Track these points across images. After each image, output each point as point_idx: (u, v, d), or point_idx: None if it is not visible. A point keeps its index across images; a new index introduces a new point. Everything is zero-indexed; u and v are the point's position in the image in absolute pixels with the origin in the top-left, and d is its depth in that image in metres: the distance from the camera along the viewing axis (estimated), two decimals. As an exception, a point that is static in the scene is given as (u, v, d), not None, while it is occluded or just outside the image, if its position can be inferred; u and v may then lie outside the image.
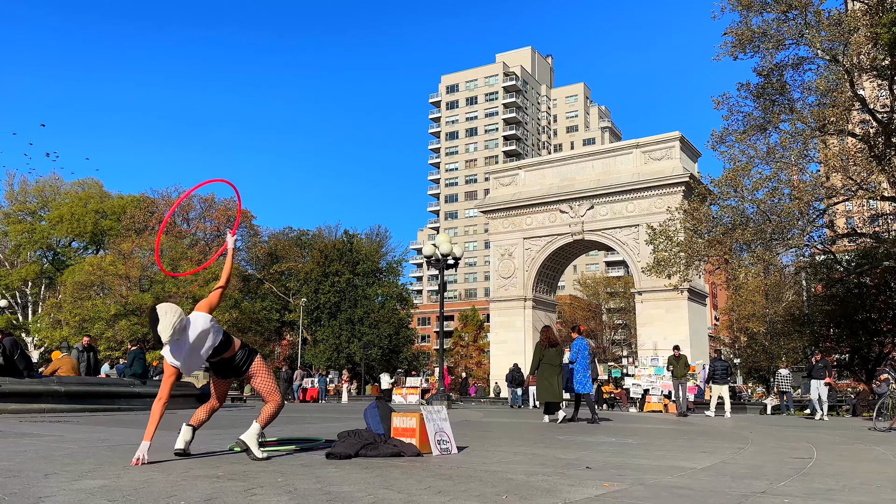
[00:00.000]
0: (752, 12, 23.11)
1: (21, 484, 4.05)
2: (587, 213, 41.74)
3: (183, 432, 5.62)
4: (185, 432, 5.63)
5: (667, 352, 32.04)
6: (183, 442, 5.58)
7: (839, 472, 5.81)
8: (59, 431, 8.44)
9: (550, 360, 13.73)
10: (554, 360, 13.75)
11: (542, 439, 8.83)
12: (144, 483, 4.16)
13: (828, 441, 10.18)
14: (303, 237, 71.10)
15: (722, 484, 4.76)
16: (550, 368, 13.70)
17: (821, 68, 23.60)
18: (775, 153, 23.50)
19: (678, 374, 21.49)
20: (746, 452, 7.57)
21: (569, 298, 74.87)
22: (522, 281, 43.86)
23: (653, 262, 26.74)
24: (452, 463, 5.56)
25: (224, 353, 5.59)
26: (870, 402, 23.30)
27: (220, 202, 61.58)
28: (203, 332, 5.37)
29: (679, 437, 10.05)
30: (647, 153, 40.85)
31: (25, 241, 56.75)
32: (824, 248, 29.38)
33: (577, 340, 14.48)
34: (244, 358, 5.71)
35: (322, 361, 56.15)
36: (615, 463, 5.96)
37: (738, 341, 63.01)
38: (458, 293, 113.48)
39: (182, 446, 5.57)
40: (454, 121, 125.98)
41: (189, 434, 5.65)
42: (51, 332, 50.30)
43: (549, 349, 13.86)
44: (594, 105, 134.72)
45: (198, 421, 5.77)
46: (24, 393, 12.82)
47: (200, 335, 5.35)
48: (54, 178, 61.21)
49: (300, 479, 4.40)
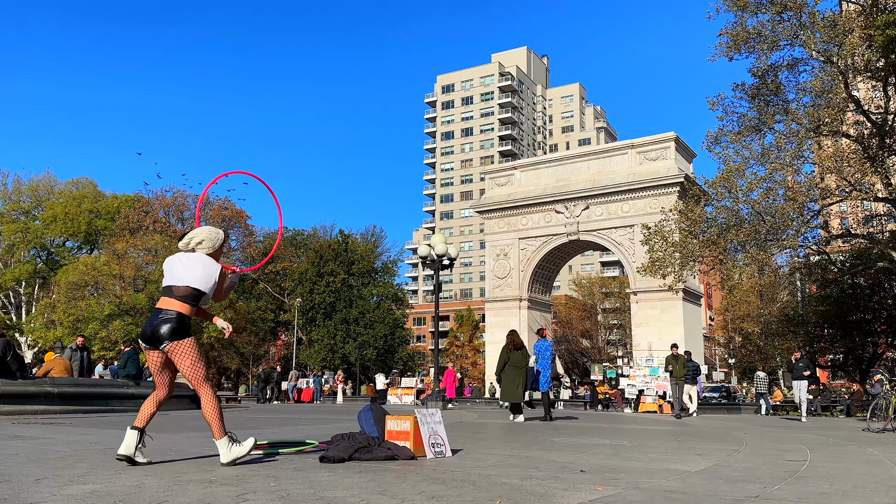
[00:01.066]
0: (748, 13, 23.17)
1: (12, 489, 4.02)
2: (582, 213, 41.78)
3: (127, 437, 5.03)
4: (130, 437, 5.02)
5: (662, 352, 32.06)
6: (126, 448, 4.99)
7: (833, 475, 5.82)
8: (52, 434, 8.39)
9: (516, 363, 14.25)
10: (519, 362, 14.24)
11: (537, 441, 8.83)
12: (136, 488, 4.13)
13: (821, 443, 10.21)
14: (298, 237, 70.95)
15: (716, 488, 4.76)
16: (515, 370, 14.22)
17: (815, 69, 23.68)
18: (770, 154, 23.56)
19: (677, 374, 20.33)
20: (741, 455, 7.57)
21: (564, 299, 74.91)
22: (518, 281, 43.87)
23: (648, 263, 26.77)
24: (446, 466, 5.55)
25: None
26: (864, 403, 23.37)
27: (215, 201, 61.45)
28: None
29: (673, 439, 10.06)
30: (643, 154, 40.92)
31: (19, 241, 56.51)
32: (819, 249, 29.50)
33: (539, 342, 15.22)
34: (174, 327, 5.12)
35: (317, 362, 56.06)
36: (609, 466, 5.95)
37: (733, 342, 63.18)
38: (453, 293, 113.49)
39: (126, 452, 4.99)
40: (450, 121, 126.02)
41: (133, 438, 5.02)
42: (44, 332, 50.11)
43: (514, 352, 14.36)
44: (590, 105, 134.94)
45: (144, 420, 5.18)
46: (17, 394, 12.77)
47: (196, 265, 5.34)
48: (48, 177, 61.05)
49: (293, 484, 4.38)
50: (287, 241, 69.48)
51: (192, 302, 5.23)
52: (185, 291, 5.22)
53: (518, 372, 14.19)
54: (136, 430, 5.08)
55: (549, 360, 14.97)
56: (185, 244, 5.44)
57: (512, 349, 14.47)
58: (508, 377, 14.29)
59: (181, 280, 5.26)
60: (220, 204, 61.37)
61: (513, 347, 14.47)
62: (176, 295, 5.22)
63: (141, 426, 5.14)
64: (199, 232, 5.47)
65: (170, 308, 5.18)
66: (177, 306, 5.18)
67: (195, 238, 5.44)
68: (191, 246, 5.42)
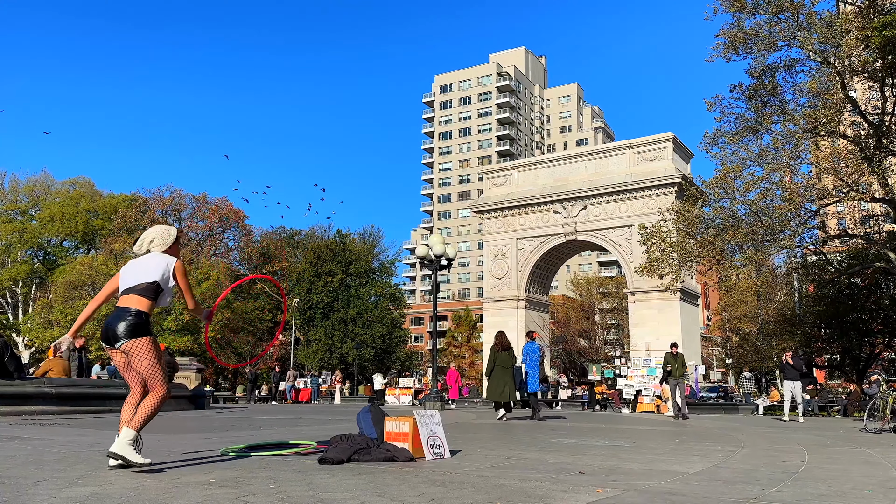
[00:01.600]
0: (745, 14, 23.20)
1: (10, 492, 4.01)
2: (580, 213, 41.80)
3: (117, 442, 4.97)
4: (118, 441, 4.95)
5: (659, 352, 32.09)
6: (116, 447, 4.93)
7: (831, 476, 5.83)
8: (50, 435, 8.38)
9: (503, 363, 14.82)
10: (506, 362, 14.81)
11: (536, 443, 8.83)
12: (135, 490, 4.13)
13: (819, 443, 10.23)
14: (295, 237, 70.93)
15: (715, 489, 4.77)
16: (502, 370, 14.78)
17: (812, 70, 23.70)
18: (767, 154, 23.58)
19: (676, 373, 19.75)
20: (739, 455, 7.59)
21: (562, 298, 74.92)
22: (515, 281, 43.89)
23: (645, 263, 26.79)
24: (445, 468, 5.55)
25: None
26: (861, 403, 23.42)
27: (213, 201, 61.43)
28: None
29: (671, 440, 10.07)
30: (640, 154, 40.95)
31: (16, 241, 56.41)
32: (816, 250, 29.52)
33: (527, 344, 15.74)
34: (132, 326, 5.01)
35: (315, 362, 56.05)
36: (608, 467, 5.96)
37: (731, 341, 63.27)
38: (451, 293, 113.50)
39: (114, 449, 4.93)
40: (447, 121, 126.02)
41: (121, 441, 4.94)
42: (42, 332, 50.02)
43: (502, 353, 14.93)
44: (587, 105, 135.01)
45: (124, 424, 5.05)
46: (15, 395, 12.74)
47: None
48: (45, 176, 60.97)
49: (293, 486, 4.38)
50: (285, 240, 69.46)
51: (150, 296, 5.13)
52: (142, 286, 5.15)
53: (505, 372, 14.70)
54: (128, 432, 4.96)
55: (537, 361, 15.44)
56: (139, 247, 5.41)
57: (500, 350, 14.96)
58: (495, 377, 14.83)
59: (138, 279, 5.19)
60: (217, 203, 61.37)
61: (500, 348, 14.97)
62: (133, 292, 5.13)
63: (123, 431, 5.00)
64: (149, 232, 5.48)
65: (128, 305, 5.10)
66: (134, 302, 5.09)
67: (146, 238, 5.43)
68: (144, 248, 5.39)
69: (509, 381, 14.67)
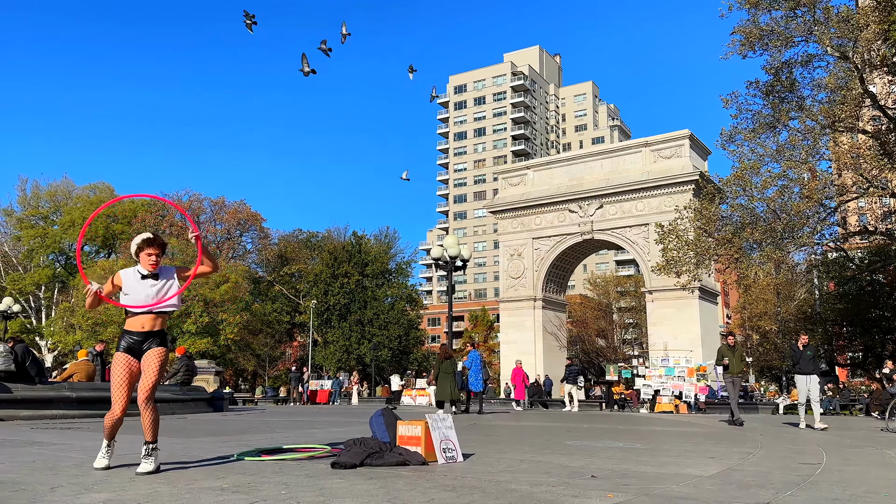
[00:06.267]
0: (760, 10, 22.99)
1: (27, 498, 4.08)
2: (596, 212, 41.62)
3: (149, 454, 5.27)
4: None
5: (678, 352, 31.86)
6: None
7: (847, 479, 5.77)
8: (69, 439, 8.49)
9: (446, 370, 17.99)
10: (448, 369, 17.98)
11: (549, 445, 8.82)
12: (149, 496, 4.19)
13: (838, 444, 10.10)
14: (312, 239, 71.28)
15: (728, 494, 4.73)
16: (445, 375, 17.94)
17: (830, 65, 23.44)
18: (785, 151, 23.35)
19: (734, 369, 15.79)
20: (755, 458, 7.52)
21: (579, 298, 74.55)
22: (532, 281, 43.80)
23: (662, 262, 26.62)
24: (457, 472, 5.56)
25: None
26: (883, 402, 23.09)
27: (230, 204, 61.93)
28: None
29: (687, 442, 10.00)
30: (657, 152, 40.69)
31: (38, 246, 57.22)
32: (836, 246, 29.18)
33: (471, 353, 20.28)
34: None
35: (332, 363, 56.29)
36: (620, 471, 5.93)
37: (750, 340, 62.60)
38: (467, 293, 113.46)
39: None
40: (462, 121, 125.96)
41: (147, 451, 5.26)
42: (64, 335, 50.68)
43: (445, 361, 18.08)
44: (603, 103, 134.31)
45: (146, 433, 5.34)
46: (36, 399, 12.92)
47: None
48: (66, 182, 61.80)
49: (304, 492, 4.41)
50: (302, 243, 69.84)
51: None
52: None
53: (447, 376, 17.88)
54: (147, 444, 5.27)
55: (479, 366, 19.73)
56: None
57: (443, 359, 18.19)
58: (441, 380, 18.04)
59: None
60: (235, 206, 61.87)
61: (444, 357, 18.22)
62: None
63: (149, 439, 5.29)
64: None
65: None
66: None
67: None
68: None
69: (452, 383, 17.89)
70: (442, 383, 17.98)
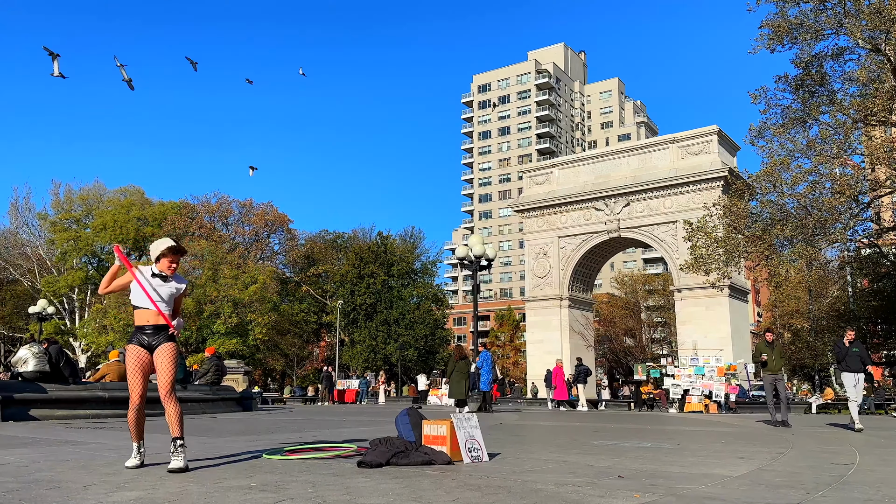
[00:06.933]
0: (789, 3, 22.62)
1: (60, 496, 4.17)
2: (623, 210, 41.28)
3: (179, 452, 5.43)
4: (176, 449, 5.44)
5: (707, 351, 31.47)
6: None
7: (881, 480, 5.65)
8: (102, 439, 8.66)
9: (460, 370, 18.53)
10: (463, 369, 18.58)
11: (576, 445, 8.77)
12: (179, 495, 4.25)
13: (872, 444, 9.90)
14: (338, 240, 71.79)
15: (756, 494, 4.67)
16: (459, 375, 18.52)
17: (862, 58, 22.96)
18: (815, 146, 22.92)
19: (773, 366, 14.87)
20: (785, 458, 7.40)
21: (606, 297, 73.98)
22: (558, 280, 43.59)
23: (691, 260, 26.31)
24: (482, 472, 5.56)
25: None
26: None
27: (258, 206, 62.63)
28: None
29: (716, 441, 9.87)
30: (684, 148, 40.23)
31: (71, 249, 58.37)
32: (870, 242, 28.57)
33: (482, 353, 20.48)
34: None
35: (359, 363, 56.62)
36: (648, 471, 5.88)
37: (782, 338, 61.60)
38: (493, 293, 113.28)
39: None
40: (487, 120, 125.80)
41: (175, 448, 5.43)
42: (97, 336, 51.65)
43: (460, 361, 18.68)
44: (629, 100, 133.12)
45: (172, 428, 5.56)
46: (70, 399, 13.19)
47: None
48: (97, 185, 62.93)
49: (330, 491, 4.45)
50: (328, 244, 70.38)
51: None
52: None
53: (462, 376, 18.48)
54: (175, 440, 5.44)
55: (489, 366, 20.09)
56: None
57: (458, 359, 18.76)
58: (455, 380, 18.60)
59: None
60: (262, 208, 62.55)
61: (458, 358, 18.81)
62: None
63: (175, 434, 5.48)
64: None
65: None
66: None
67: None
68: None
69: (466, 383, 18.60)
70: (456, 383, 18.60)
